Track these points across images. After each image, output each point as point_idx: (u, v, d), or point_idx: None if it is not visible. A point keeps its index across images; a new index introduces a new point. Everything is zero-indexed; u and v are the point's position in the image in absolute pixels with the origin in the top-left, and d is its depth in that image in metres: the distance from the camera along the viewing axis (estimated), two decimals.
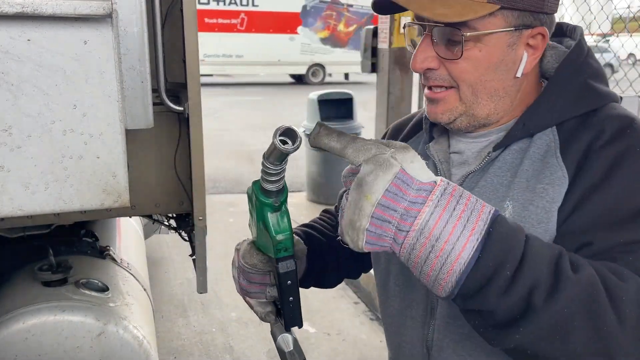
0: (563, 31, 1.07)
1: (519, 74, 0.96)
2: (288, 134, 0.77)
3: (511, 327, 0.73)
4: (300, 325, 0.94)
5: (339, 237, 0.78)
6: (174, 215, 2.15)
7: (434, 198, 0.72)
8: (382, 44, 4.03)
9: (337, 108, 6.01)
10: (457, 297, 0.74)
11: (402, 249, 0.73)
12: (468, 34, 0.91)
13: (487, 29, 0.92)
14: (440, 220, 0.71)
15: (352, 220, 0.73)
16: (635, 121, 0.92)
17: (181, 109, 1.75)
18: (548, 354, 0.74)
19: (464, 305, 0.76)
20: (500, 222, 0.74)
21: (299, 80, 20.14)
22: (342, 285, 4.36)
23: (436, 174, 1.04)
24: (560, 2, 1.03)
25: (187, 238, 2.18)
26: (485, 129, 1.01)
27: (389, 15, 3.89)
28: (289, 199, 0.89)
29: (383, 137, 1.25)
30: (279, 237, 0.85)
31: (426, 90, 1.00)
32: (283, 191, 0.85)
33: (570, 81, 0.97)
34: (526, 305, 0.72)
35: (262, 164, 0.83)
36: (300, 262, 1.10)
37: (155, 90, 1.68)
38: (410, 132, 1.19)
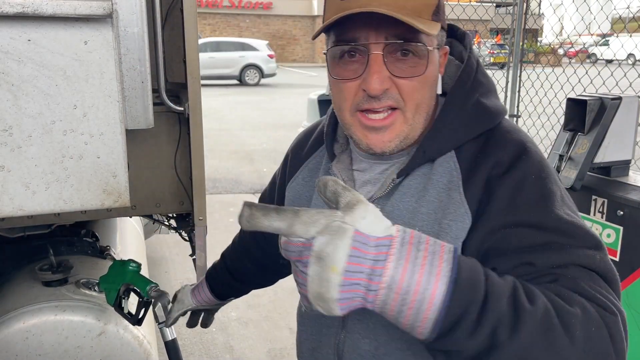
0: (454, 32, 1.05)
1: (439, 91, 0.97)
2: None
3: None
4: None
5: (306, 307, 0.77)
6: (174, 215, 2.16)
7: (395, 252, 0.71)
8: None
9: None
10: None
11: (375, 306, 0.73)
12: (430, 48, 0.89)
13: (431, 45, 0.90)
14: (407, 274, 0.71)
15: (320, 294, 0.72)
16: (527, 145, 0.93)
17: (181, 109, 1.75)
18: None
19: (432, 346, 0.76)
20: (462, 264, 0.74)
21: None
22: None
23: None
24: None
25: (187, 238, 2.18)
26: None
27: None
28: None
29: (285, 160, 1.25)
30: None
31: (366, 119, 0.93)
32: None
33: (464, 101, 0.95)
34: (491, 343, 0.73)
35: None
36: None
37: (155, 91, 1.68)
38: (312, 148, 1.17)
